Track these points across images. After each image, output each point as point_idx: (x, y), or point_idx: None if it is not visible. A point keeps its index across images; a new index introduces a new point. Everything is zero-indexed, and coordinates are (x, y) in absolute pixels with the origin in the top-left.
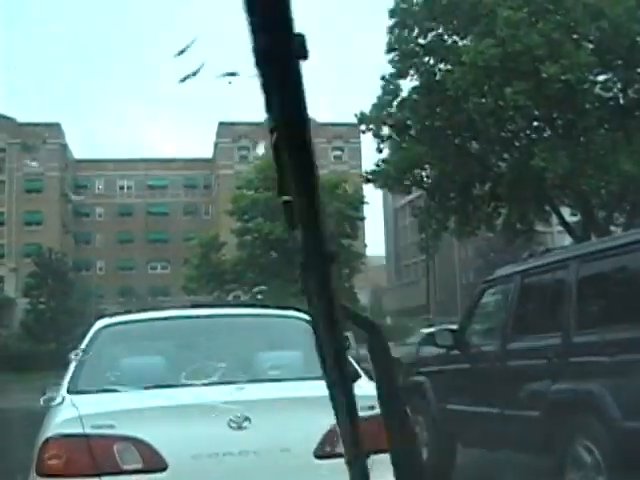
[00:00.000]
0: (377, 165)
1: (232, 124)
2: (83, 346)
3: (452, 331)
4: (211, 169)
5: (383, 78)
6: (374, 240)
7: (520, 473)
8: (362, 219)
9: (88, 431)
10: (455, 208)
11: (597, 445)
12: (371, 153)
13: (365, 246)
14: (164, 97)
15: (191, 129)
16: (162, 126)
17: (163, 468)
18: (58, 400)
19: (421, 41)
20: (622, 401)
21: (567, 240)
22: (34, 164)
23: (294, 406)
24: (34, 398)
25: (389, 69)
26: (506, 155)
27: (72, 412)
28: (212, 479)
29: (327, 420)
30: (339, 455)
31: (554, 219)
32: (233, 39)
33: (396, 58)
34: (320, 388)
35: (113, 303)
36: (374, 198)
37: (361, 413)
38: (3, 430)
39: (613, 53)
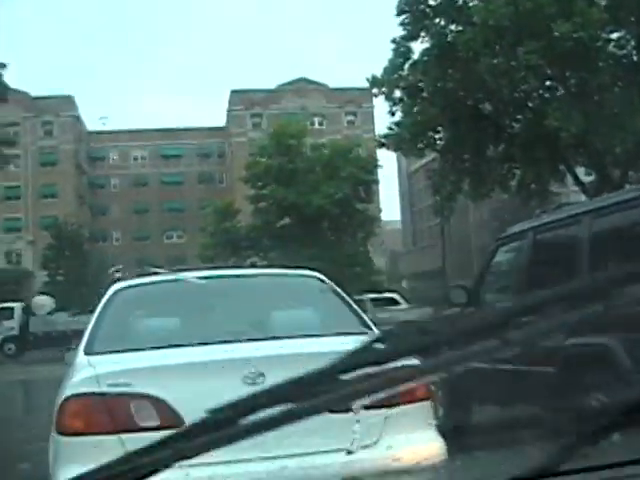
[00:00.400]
0: (390, 128)
1: (244, 92)
2: (99, 309)
3: (466, 288)
4: (224, 137)
5: (394, 41)
6: (390, 205)
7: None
8: (376, 182)
9: (105, 389)
10: (469, 170)
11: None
12: (384, 117)
13: (380, 210)
14: (176, 66)
15: (203, 98)
16: (174, 96)
17: (180, 424)
18: (76, 361)
19: (432, 2)
20: (636, 354)
21: (582, 200)
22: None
23: (307, 361)
24: (55, 368)
25: (400, 31)
26: (519, 115)
27: (89, 372)
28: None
29: None
30: (351, 409)
31: (569, 179)
32: (244, 6)
33: (407, 20)
34: (333, 344)
35: (130, 273)
36: (388, 162)
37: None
38: (28, 398)
39: (626, 10)
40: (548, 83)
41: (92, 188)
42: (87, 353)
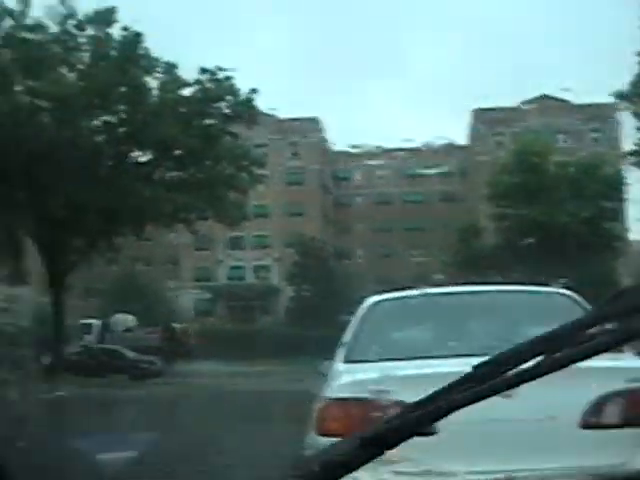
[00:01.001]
0: (638, 145)
1: (486, 110)
2: (356, 321)
3: None
4: (467, 155)
5: (639, 54)
6: (638, 224)
7: None
8: (622, 201)
9: (364, 395)
10: None
11: None
12: (631, 132)
13: (627, 229)
14: (417, 86)
15: (444, 116)
16: (415, 114)
17: (433, 433)
18: (335, 368)
19: None
20: None
21: None
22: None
23: (561, 375)
24: (296, 380)
25: None
26: None
27: (349, 378)
28: (481, 444)
29: (593, 390)
30: (604, 426)
31: None
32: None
33: None
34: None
35: (373, 290)
36: (636, 179)
37: (627, 385)
38: (274, 409)
39: None
40: None
41: (337, 207)
42: (347, 361)
